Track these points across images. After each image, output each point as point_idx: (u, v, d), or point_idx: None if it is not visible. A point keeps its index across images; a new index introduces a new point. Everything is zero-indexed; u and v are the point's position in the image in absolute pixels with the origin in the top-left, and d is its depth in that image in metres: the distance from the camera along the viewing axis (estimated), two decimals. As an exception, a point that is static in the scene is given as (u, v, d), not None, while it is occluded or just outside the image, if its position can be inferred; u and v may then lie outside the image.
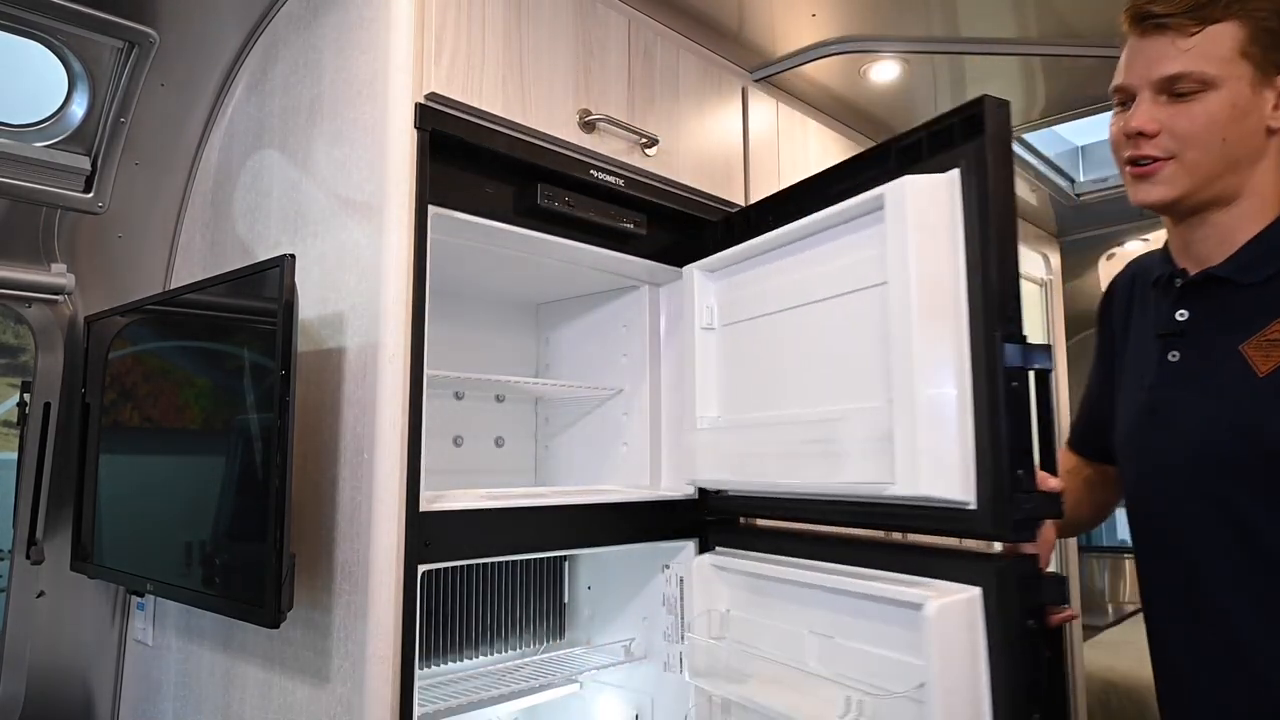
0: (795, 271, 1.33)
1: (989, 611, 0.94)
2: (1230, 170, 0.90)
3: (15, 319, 1.60)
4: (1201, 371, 0.90)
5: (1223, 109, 0.88)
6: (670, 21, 1.68)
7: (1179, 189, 0.91)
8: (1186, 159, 0.90)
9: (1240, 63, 0.88)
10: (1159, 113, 0.90)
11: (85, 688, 1.65)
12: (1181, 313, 0.94)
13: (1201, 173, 0.90)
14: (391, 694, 1.11)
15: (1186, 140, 0.90)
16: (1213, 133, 0.88)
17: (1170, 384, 0.93)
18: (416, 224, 1.20)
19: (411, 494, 1.16)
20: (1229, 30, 0.88)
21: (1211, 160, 0.89)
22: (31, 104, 1.52)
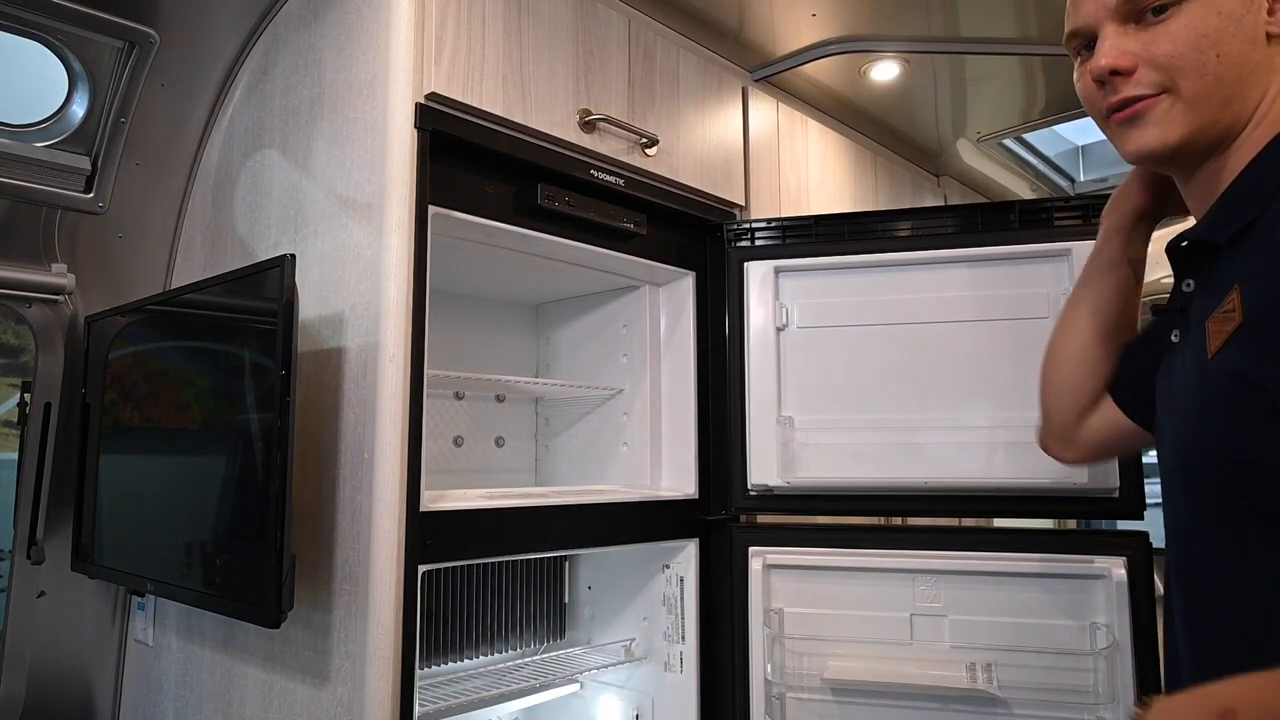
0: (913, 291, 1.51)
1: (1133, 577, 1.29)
2: (1237, 93, 0.73)
3: (15, 319, 1.60)
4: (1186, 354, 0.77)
5: (1208, 19, 0.72)
6: (670, 21, 1.68)
7: (1180, 128, 0.74)
8: (1182, 89, 0.74)
9: None
10: (1129, 44, 0.75)
11: (86, 688, 1.65)
12: (1188, 283, 0.79)
13: (1207, 102, 0.73)
14: (392, 694, 1.11)
15: (1173, 66, 0.73)
16: (1204, 50, 0.72)
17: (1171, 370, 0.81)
18: (416, 224, 1.20)
19: (412, 494, 1.16)
20: None
21: (1209, 85, 0.73)
22: (31, 104, 1.52)
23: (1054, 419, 1.06)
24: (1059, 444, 1.08)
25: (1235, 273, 0.70)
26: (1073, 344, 1.03)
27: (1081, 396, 1.02)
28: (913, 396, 1.50)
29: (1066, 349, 1.03)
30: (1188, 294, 0.79)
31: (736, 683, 1.52)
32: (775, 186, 1.83)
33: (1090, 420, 1.03)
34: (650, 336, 1.76)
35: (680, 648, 1.62)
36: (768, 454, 1.54)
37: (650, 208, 1.57)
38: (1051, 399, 1.06)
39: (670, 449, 1.72)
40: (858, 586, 1.48)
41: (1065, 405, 1.04)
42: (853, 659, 1.45)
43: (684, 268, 1.69)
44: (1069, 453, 1.08)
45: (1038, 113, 2.19)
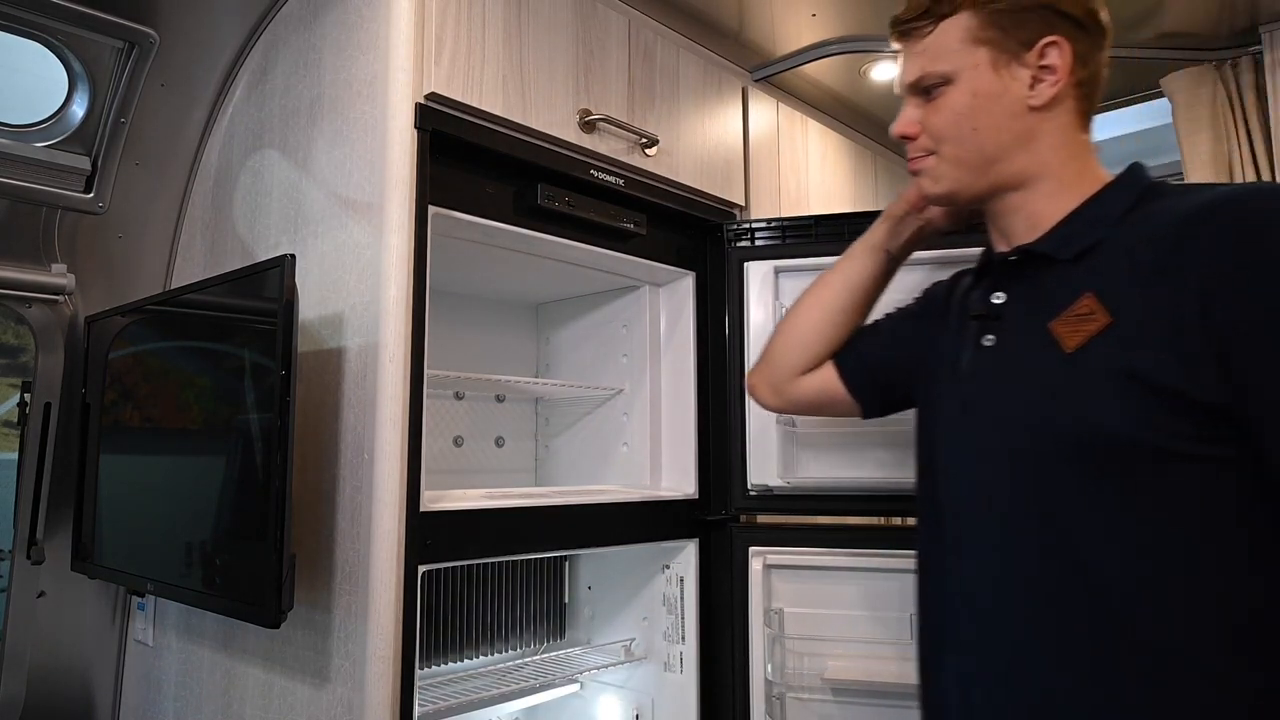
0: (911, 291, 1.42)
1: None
2: (1000, 155, 0.89)
3: (15, 319, 1.60)
4: (1014, 354, 0.87)
5: (963, 99, 0.89)
6: (670, 21, 1.68)
7: (946, 182, 0.93)
8: (944, 153, 0.92)
9: (975, 50, 0.88)
10: (916, 114, 0.93)
11: (86, 688, 1.65)
12: (998, 295, 0.91)
13: (964, 164, 0.91)
14: (392, 694, 1.11)
15: (939, 135, 0.91)
16: (960, 124, 0.89)
17: (984, 368, 0.90)
18: (416, 224, 1.20)
19: (412, 494, 1.16)
20: (959, 22, 0.89)
21: (968, 150, 0.90)
22: (31, 104, 1.52)
23: (776, 367, 1.21)
24: (770, 391, 1.23)
25: (1081, 282, 0.82)
26: (819, 308, 1.18)
27: (808, 357, 1.17)
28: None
29: (812, 311, 1.18)
30: (999, 304, 0.91)
31: (736, 683, 1.52)
32: (775, 187, 1.83)
33: (806, 379, 1.18)
34: (650, 336, 1.76)
35: (680, 648, 1.62)
36: (768, 454, 1.54)
37: (650, 208, 1.57)
38: (781, 349, 1.20)
39: (670, 449, 1.72)
40: (858, 586, 1.48)
41: (791, 359, 1.19)
42: (853, 659, 1.46)
43: (684, 268, 1.68)
44: (774, 400, 1.24)
45: (1038, 113, 2.18)
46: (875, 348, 1.15)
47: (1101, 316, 0.78)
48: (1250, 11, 1.70)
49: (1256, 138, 1.75)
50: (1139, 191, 0.84)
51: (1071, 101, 0.88)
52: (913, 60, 0.93)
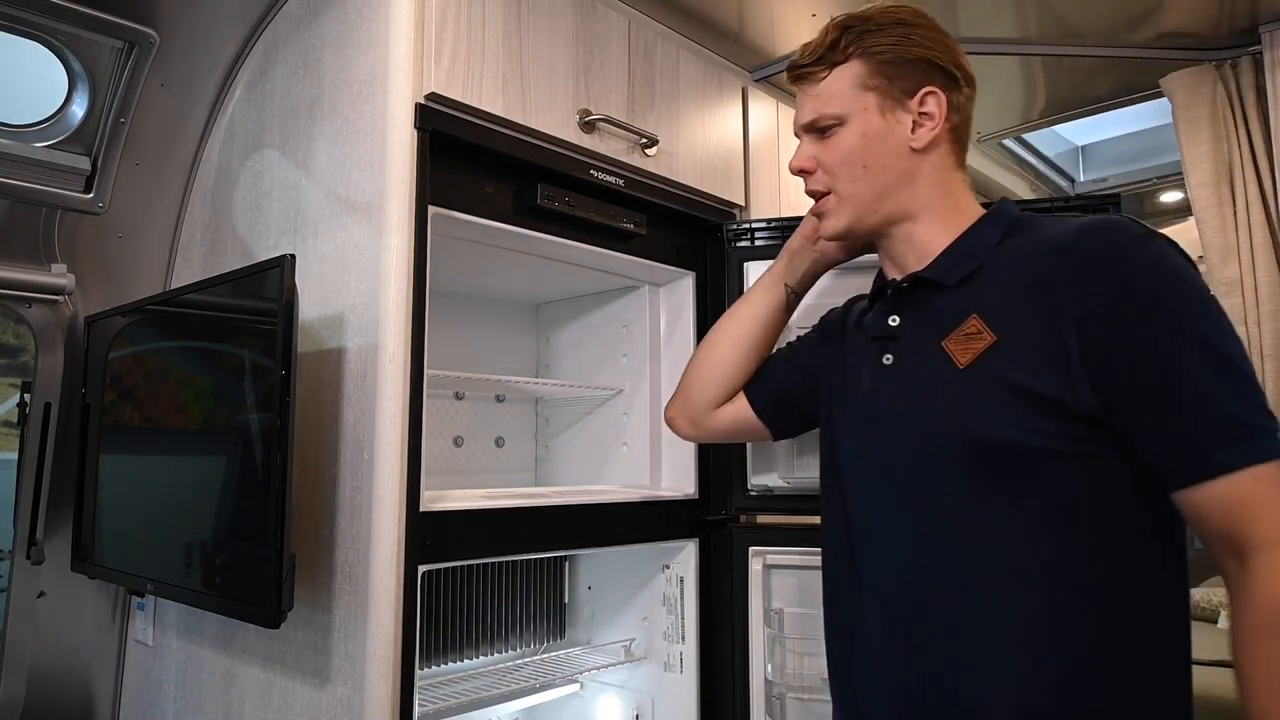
0: None
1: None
2: (887, 191, 0.98)
3: (15, 319, 1.60)
4: (912, 370, 0.95)
5: (854, 139, 0.97)
6: (670, 21, 1.68)
7: (845, 218, 1.00)
8: (840, 189, 1.00)
9: (864, 95, 0.97)
10: (814, 150, 1.01)
11: (85, 688, 1.65)
12: (894, 318, 1.00)
13: (858, 199, 0.99)
14: (392, 694, 1.11)
15: (834, 172, 0.99)
16: (852, 162, 0.98)
17: (886, 384, 0.98)
18: (416, 224, 1.20)
19: (412, 494, 1.16)
20: (851, 69, 0.98)
21: (860, 186, 0.98)
22: (31, 104, 1.52)
23: (692, 400, 1.28)
24: (687, 423, 1.30)
25: (966, 304, 0.91)
26: (729, 343, 1.25)
27: (722, 390, 1.25)
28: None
29: (722, 345, 1.25)
30: (895, 326, 0.99)
31: (736, 683, 1.52)
32: (775, 186, 1.83)
33: (722, 410, 1.25)
34: (650, 336, 1.76)
35: (680, 648, 1.62)
36: (770, 454, 1.54)
37: (650, 208, 1.57)
38: (696, 383, 1.27)
39: (670, 449, 1.72)
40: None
41: (707, 393, 1.26)
42: None
43: (684, 268, 1.68)
44: (692, 432, 1.30)
45: (1038, 113, 2.19)
46: (782, 376, 1.24)
47: (988, 335, 0.88)
48: (1250, 11, 1.70)
49: (1256, 138, 1.75)
50: (1007, 225, 0.95)
51: (946, 145, 0.98)
52: (808, 102, 1.01)
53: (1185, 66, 1.83)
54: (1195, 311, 0.81)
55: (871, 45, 0.97)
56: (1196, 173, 1.80)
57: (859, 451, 1.00)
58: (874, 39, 0.97)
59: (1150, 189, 2.56)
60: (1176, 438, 0.79)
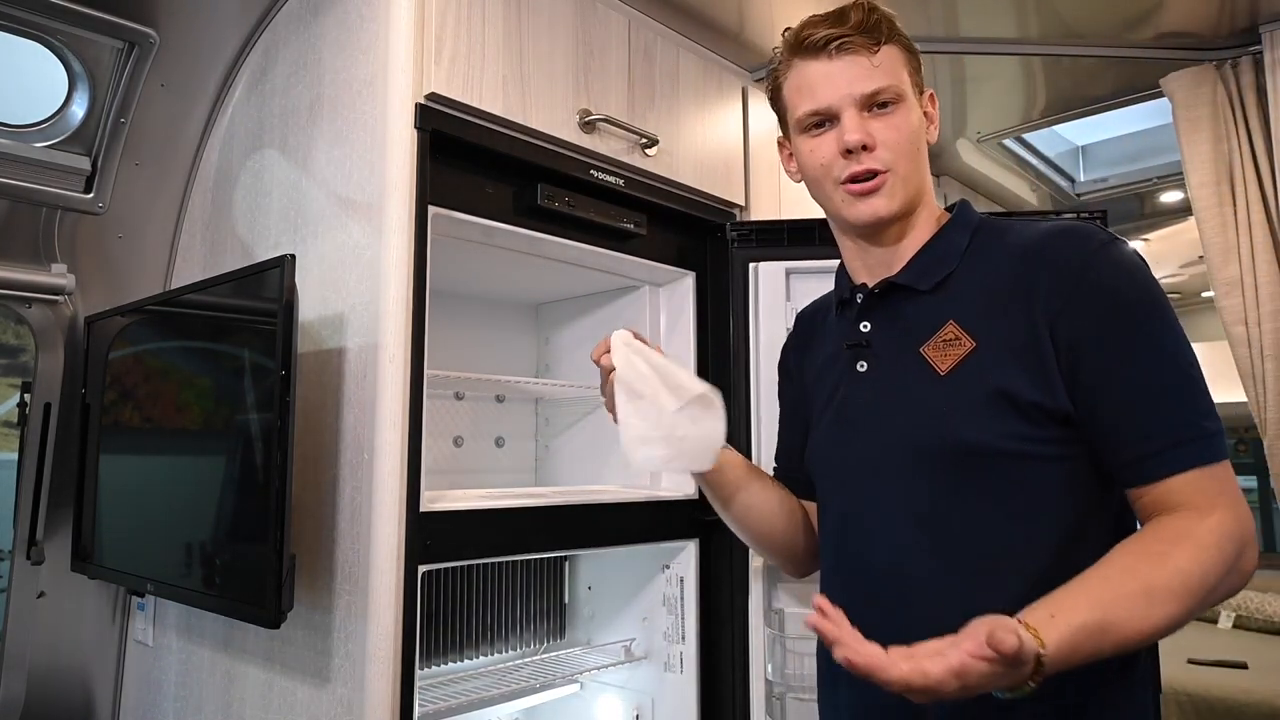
0: None
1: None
2: (922, 181, 0.97)
3: (15, 319, 1.60)
4: (890, 376, 0.95)
5: (916, 119, 0.96)
6: (670, 21, 1.68)
7: (898, 201, 0.95)
8: (900, 170, 0.94)
9: (909, 77, 0.96)
10: (868, 126, 0.94)
11: (86, 688, 1.65)
12: (865, 324, 0.99)
13: (912, 182, 0.96)
14: (392, 694, 1.11)
15: (896, 151, 0.94)
16: (913, 142, 0.95)
17: (861, 392, 0.98)
18: (417, 224, 1.20)
19: (412, 494, 1.16)
20: (896, 50, 0.96)
21: (914, 169, 0.96)
22: (31, 104, 1.52)
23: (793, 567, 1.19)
24: (804, 571, 1.19)
25: (942, 311, 0.92)
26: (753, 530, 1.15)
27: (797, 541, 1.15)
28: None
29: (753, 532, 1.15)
30: (866, 333, 0.98)
31: (736, 683, 1.52)
32: (775, 186, 1.83)
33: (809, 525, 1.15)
34: (650, 337, 1.76)
35: (680, 648, 1.62)
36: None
37: (650, 208, 1.57)
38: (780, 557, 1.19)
39: (670, 449, 1.71)
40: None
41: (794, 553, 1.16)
42: None
43: (684, 268, 1.68)
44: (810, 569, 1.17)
45: (1038, 113, 2.18)
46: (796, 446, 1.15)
47: (966, 341, 0.89)
48: (1250, 11, 1.70)
49: (1256, 138, 1.75)
50: (972, 228, 0.96)
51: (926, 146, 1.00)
52: (868, 73, 0.93)
53: (1185, 66, 1.83)
54: (1155, 317, 0.84)
55: (900, 35, 0.97)
56: (1196, 173, 1.80)
57: (841, 456, 1.00)
58: (899, 30, 0.97)
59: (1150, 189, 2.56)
60: (1133, 437, 0.82)
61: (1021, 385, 0.85)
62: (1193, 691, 3.07)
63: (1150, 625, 0.74)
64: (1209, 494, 0.80)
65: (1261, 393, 1.70)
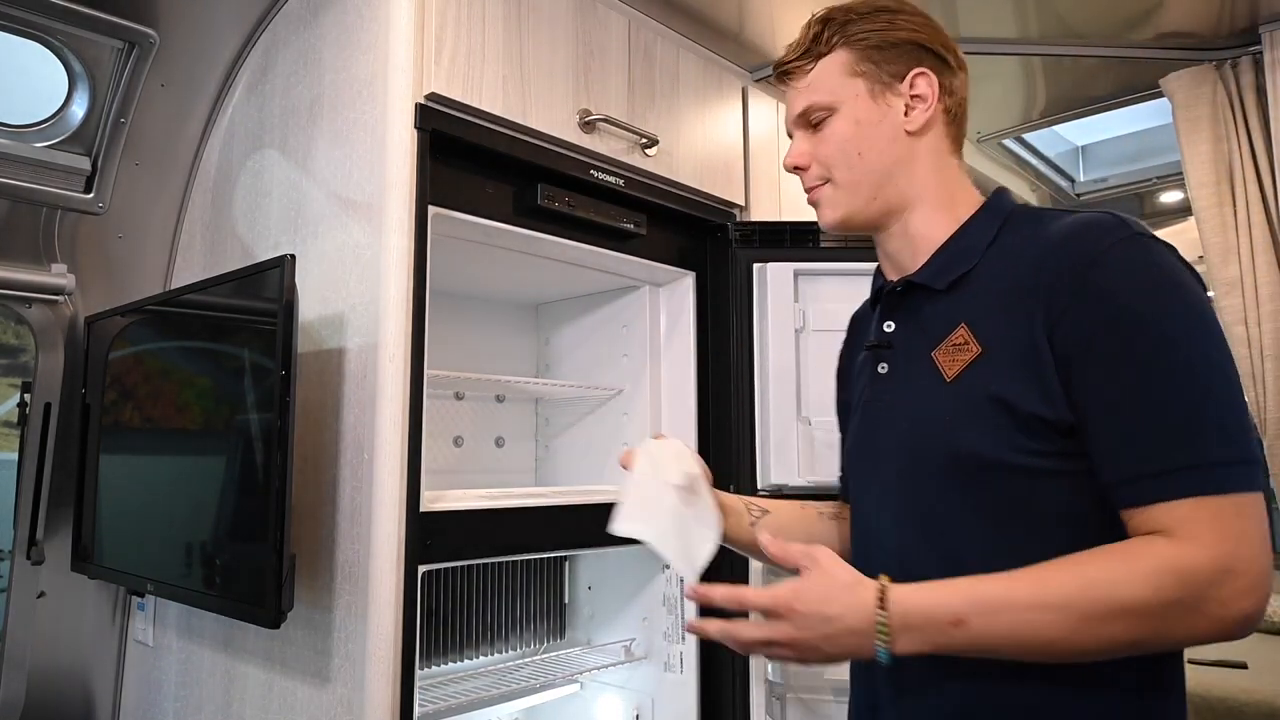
0: None
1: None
2: (884, 179, 0.95)
3: (15, 319, 1.60)
4: (904, 381, 0.93)
5: (847, 126, 0.95)
6: (670, 21, 1.68)
7: (841, 207, 0.97)
8: (836, 178, 0.96)
9: (853, 81, 0.95)
10: (807, 145, 0.98)
11: (86, 688, 1.65)
12: (889, 324, 0.97)
13: (854, 186, 0.95)
14: (392, 694, 1.11)
15: (829, 162, 0.96)
16: (846, 149, 0.95)
17: (881, 395, 0.96)
18: (417, 224, 1.20)
19: (412, 494, 1.16)
20: (837, 58, 0.96)
21: (857, 174, 0.95)
22: (31, 104, 1.52)
23: None
24: None
25: (955, 313, 0.88)
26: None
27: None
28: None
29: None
30: (890, 333, 0.96)
31: (736, 683, 1.52)
32: (775, 186, 1.83)
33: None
34: (650, 336, 1.76)
35: (680, 648, 1.62)
36: (787, 454, 1.54)
37: (650, 208, 1.57)
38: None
39: (671, 449, 1.71)
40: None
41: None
42: None
43: (684, 268, 1.68)
44: None
45: (1038, 113, 2.18)
46: None
47: (974, 347, 0.85)
48: (1250, 11, 1.70)
49: (1256, 138, 1.75)
50: (1001, 220, 0.91)
51: (941, 128, 0.96)
52: (797, 96, 0.98)
53: (1185, 66, 1.83)
54: (1161, 326, 0.75)
55: (855, 33, 0.95)
56: (1196, 173, 1.79)
57: (862, 458, 1.00)
58: (857, 26, 0.96)
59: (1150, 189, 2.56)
60: (1120, 458, 0.76)
61: (1021, 395, 0.80)
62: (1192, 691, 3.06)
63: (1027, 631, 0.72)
64: (1197, 526, 0.71)
65: (1261, 393, 1.70)
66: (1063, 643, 0.72)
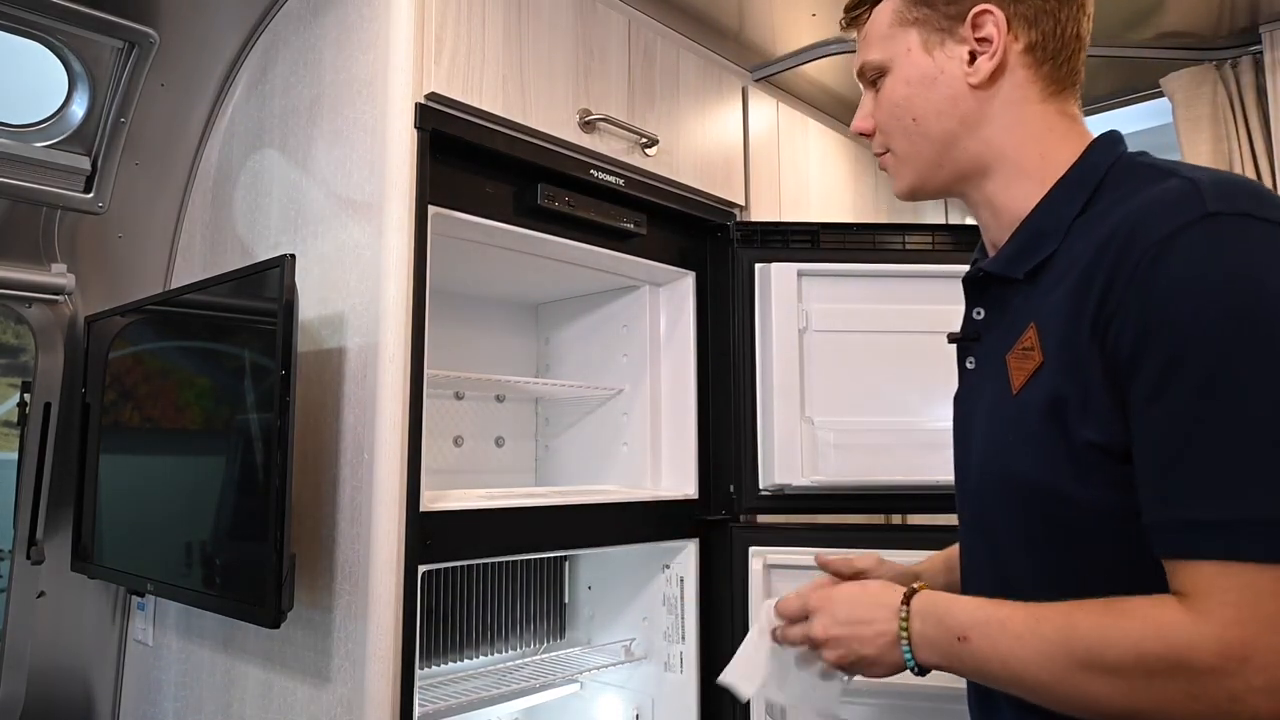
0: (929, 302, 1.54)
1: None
2: (949, 144, 0.81)
3: (15, 319, 1.60)
4: (982, 384, 0.82)
5: (897, 89, 0.83)
6: (670, 21, 1.68)
7: (906, 179, 0.86)
8: (896, 149, 0.85)
9: (904, 33, 0.82)
10: (870, 108, 0.87)
11: (85, 688, 1.65)
12: (978, 310, 0.84)
13: (916, 157, 0.84)
14: (392, 694, 1.11)
15: (886, 130, 0.85)
16: (899, 117, 0.83)
17: (968, 393, 0.86)
18: (416, 224, 1.20)
19: (412, 494, 1.16)
20: (889, 6, 0.83)
21: (915, 143, 0.83)
22: (31, 104, 1.52)
23: None
24: None
25: (1029, 308, 0.75)
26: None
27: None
28: (928, 401, 1.54)
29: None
30: (979, 321, 0.84)
31: (736, 683, 1.51)
32: (775, 186, 1.83)
33: None
34: (650, 336, 1.76)
35: (680, 648, 1.62)
36: (791, 453, 1.55)
37: (650, 208, 1.57)
38: None
39: (670, 449, 1.72)
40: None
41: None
42: None
43: (684, 268, 1.68)
44: None
45: (1038, 113, 2.18)
46: None
47: (1037, 354, 0.72)
48: (1250, 11, 1.70)
49: (1256, 138, 1.75)
50: (1096, 182, 0.74)
51: (1024, 71, 0.78)
52: (859, 50, 0.87)
53: (1185, 66, 1.83)
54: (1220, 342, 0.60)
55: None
56: (1196, 173, 1.79)
57: (957, 465, 0.88)
58: None
59: (1150, 189, 2.56)
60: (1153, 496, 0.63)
61: (1073, 415, 0.67)
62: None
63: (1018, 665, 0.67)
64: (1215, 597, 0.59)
65: None
66: (1052, 686, 0.66)
